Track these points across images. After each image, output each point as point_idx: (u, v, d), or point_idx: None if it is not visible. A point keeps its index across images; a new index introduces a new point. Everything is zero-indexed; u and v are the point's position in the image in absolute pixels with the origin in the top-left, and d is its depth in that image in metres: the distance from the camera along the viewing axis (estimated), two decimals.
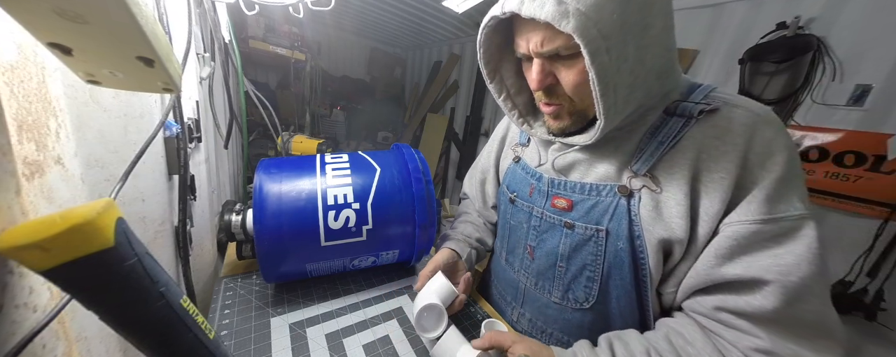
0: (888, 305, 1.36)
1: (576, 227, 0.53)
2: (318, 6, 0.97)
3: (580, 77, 0.43)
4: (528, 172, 0.63)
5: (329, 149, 1.44)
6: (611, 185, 0.49)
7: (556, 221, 0.56)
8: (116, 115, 0.42)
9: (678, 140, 0.45)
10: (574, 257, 0.54)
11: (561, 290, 0.57)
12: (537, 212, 0.59)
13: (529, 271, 0.62)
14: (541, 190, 0.59)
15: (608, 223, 0.49)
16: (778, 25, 1.51)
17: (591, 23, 0.36)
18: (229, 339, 0.57)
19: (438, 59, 3.92)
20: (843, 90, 1.41)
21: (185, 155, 0.60)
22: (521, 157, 0.66)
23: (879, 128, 1.35)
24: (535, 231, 0.60)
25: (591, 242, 0.51)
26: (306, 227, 0.60)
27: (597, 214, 0.50)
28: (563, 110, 0.50)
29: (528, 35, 0.44)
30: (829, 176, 1.49)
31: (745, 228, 0.39)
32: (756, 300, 0.38)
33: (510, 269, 0.68)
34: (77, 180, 0.32)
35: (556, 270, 0.57)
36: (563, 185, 0.55)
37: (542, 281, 0.60)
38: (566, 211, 0.54)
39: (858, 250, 1.41)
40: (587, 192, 0.52)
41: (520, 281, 0.65)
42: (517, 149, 0.69)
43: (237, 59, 1.18)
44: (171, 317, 0.24)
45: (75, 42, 0.22)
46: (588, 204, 0.51)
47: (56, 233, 0.17)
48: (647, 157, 0.46)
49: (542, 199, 0.58)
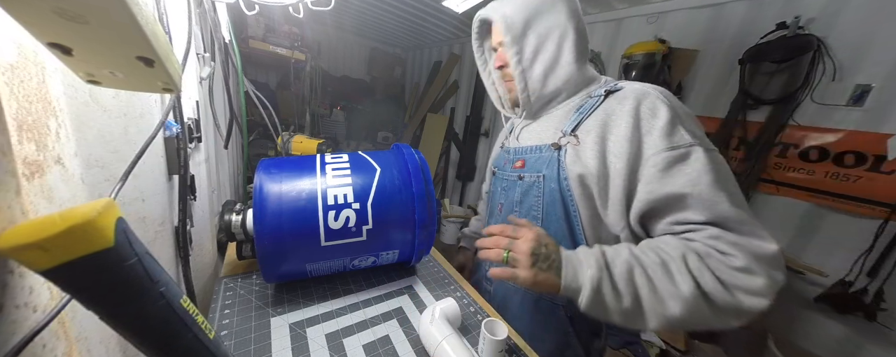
0: (888, 305, 1.36)
1: (525, 178, 0.70)
2: (318, 6, 0.97)
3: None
4: (505, 150, 0.81)
5: (329, 149, 1.44)
6: (548, 144, 0.67)
7: (514, 178, 0.73)
8: (116, 115, 0.42)
9: (594, 110, 0.63)
10: (524, 201, 0.71)
11: None
12: (504, 175, 0.78)
13: (497, 223, 0.73)
14: (509, 159, 0.77)
15: (545, 170, 0.66)
16: (778, 25, 1.51)
17: (511, 24, 0.67)
18: (229, 339, 0.57)
19: (438, 59, 3.93)
20: (843, 90, 1.41)
21: (185, 155, 0.60)
22: (505, 144, 0.84)
23: (879, 128, 1.35)
24: (503, 192, 0.78)
25: (534, 187, 0.68)
26: (306, 227, 0.60)
27: (538, 165, 0.68)
28: (513, 90, 0.75)
29: (494, 34, 0.75)
30: (829, 176, 1.49)
31: (658, 157, 0.53)
32: (689, 211, 0.51)
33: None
34: (77, 180, 0.32)
35: (513, 215, 0.69)
36: (520, 150, 0.74)
37: None
38: (521, 168, 0.72)
39: (858, 250, 1.41)
40: (533, 151, 0.71)
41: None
42: (505, 140, 0.86)
43: (237, 59, 1.18)
44: (171, 317, 0.24)
45: (75, 42, 0.22)
46: (533, 159, 0.70)
47: (56, 233, 0.17)
48: (571, 123, 0.65)
49: (509, 165, 0.76)
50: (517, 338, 0.66)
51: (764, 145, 1.61)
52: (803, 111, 1.51)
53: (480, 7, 0.86)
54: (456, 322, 0.63)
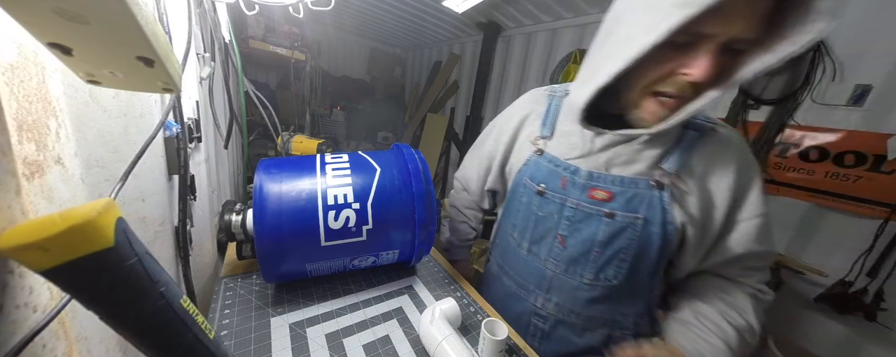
0: (888, 305, 1.36)
1: (617, 216, 0.59)
2: (318, 6, 0.97)
3: (718, 71, 0.47)
4: (557, 165, 0.66)
5: (329, 149, 1.44)
6: (646, 179, 0.58)
7: (593, 211, 0.61)
8: (116, 115, 0.42)
9: (695, 148, 0.57)
10: (611, 243, 0.60)
11: (593, 271, 0.63)
12: (571, 202, 0.63)
13: (559, 259, 0.66)
14: (576, 182, 0.63)
15: (645, 212, 0.57)
16: None
17: None
18: (229, 339, 0.57)
19: (438, 59, 3.93)
20: (843, 90, 1.41)
21: (185, 155, 0.60)
22: (545, 150, 0.69)
23: (879, 128, 1.35)
24: (567, 221, 0.64)
25: (628, 229, 0.59)
26: (306, 227, 0.60)
27: (635, 204, 0.58)
28: (680, 103, 0.51)
29: (731, 18, 0.42)
30: (829, 176, 1.49)
31: (757, 220, 0.56)
32: (760, 264, 0.60)
33: (535, 258, 0.70)
34: (77, 180, 0.32)
35: (590, 255, 0.62)
36: (602, 178, 0.61)
37: (573, 266, 0.65)
38: (606, 201, 0.60)
39: (858, 250, 1.41)
40: (627, 184, 0.59)
41: (546, 268, 0.68)
42: (539, 142, 0.70)
43: (237, 59, 1.18)
44: (171, 317, 0.24)
45: (75, 42, 0.22)
46: (627, 195, 0.59)
47: (56, 233, 0.17)
48: (674, 160, 0.57)
49: (578, 191, 0.62)
50: (517, 338, 0.66)
51: (764, 145, 1.61)
52: (803, 111, 1.51)
53: (480, 7, 0.81)
54: (456, 322, 0.63)
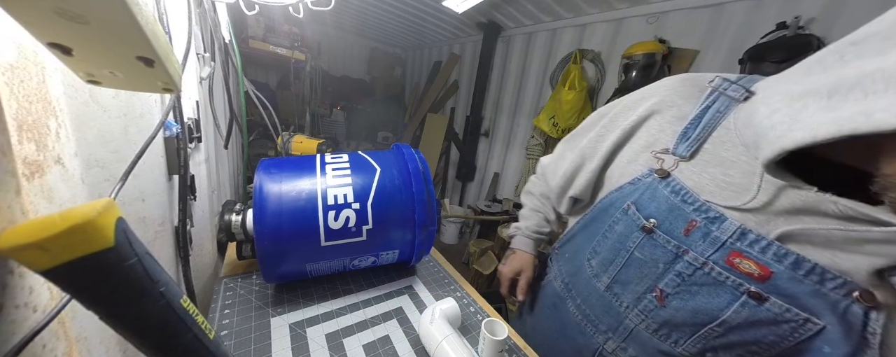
0: None
1: (768, 303, 0.40)
2: (318, 6, 0.97)
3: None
4: (686, 202, 0.45)
5: (329, 149, 1.44)
6: (845, 280, 0.36)
7: (728, 282, 0.42)
8: (116, 115, 0.42)
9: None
10: (745, 329, 0.42)
11: (699, 347, 0.46)
12: (693, 258, 0.45)
13: (651, 316, 0.50)
14: (711, 235, 0.43)
15: (831, 322, 0.37)
16: (778, 25, 1.51)
17: None
18: (229, 339, 0.57)
19: (438, 59, 3.93)
20: None
21: (185, 155, 0.60)
22: (675, 175, 0.47)
23: None
24: (678, 278, 0.46)
25: (785, 326, 0.39)
26: (306, 227, 0.60)
27: (810, 304, 0.38)
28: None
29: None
30: None
31: None
32: None
33: (614, 299, 0.54)
34: (77, 180, 0.32)
35: (702, 329, 0.45)
36: (763, 246, 0.40)
37: (668, 330, 0.49)
38: (757, 280, 0.40)
39: None
40: (804, 272, 0.38)
41: (627, 317, 0.53)
42: (667, 158, 0.49)
43: (237, 59, 1.18)
44: (171, 317, 0.24)
45: (75, 42, 0.22)
46: (799, 288, 0.38)
47: (56, 233, 0.17)
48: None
49: (709, 248, 0.44)
50: (517, 338, 0.66)
51: None
52: None
53: (481, 7, 0.68)
54: (456, 322, 0.63)
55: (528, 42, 2.76)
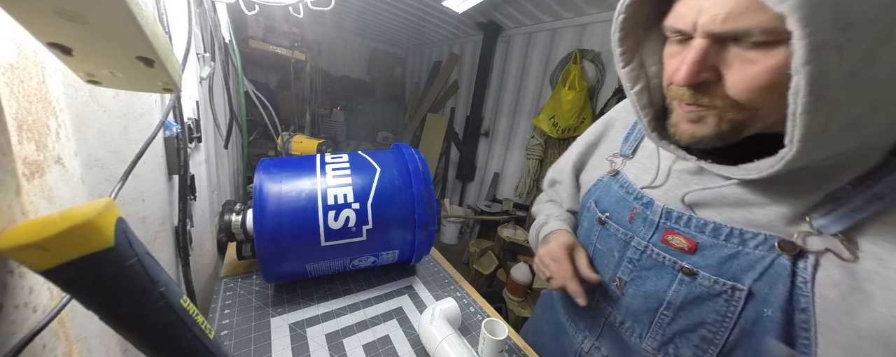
0: None
1: (699, 277, 0.42)
2: (318, 6, 0.97)
3: (768, 78, 0.30)
4: (629, 192, 0.51)
5: (329, 149, 1.44)
6: (766, 234, 0.37)
7: (666, 261, 0.45)
8: (116, 115, 0.42)
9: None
10: (689, 310, 0.43)
11: (658, 340, 0.47)
12: (637, 243, 0.48)
13: (615, 306, 0.52)
14: (648, 219, 0.47)
15: (752, 283, 0.38)
16: None
17: (824, 3, 0.23)
18: (229, 339, 0.57)
19: (438, 59, 3.92)
20: None
21: (185, 155, 0.60)
22: (621, 172, 0.54)
23: None
24: (630, 264, 0.49)
25: (719, 299, 0.40)
26: (306, 227, 0.60)
27: (735, 268, 0.39)
28: (710, 116, 0.36)
29: (703, 3, 0.31)
30: None
31: None
32: None
33: (590, 294, 0.53)
34: (77, 180, 0.32)
35: (656, 316, 0.47)
36: (685, 220, 0.43)
37: (631, 321, 0.50)
38: (686, 253, 0.43)
39: None
40: (724, 237, 0.40)
41: (601, 312, 0.55)
42: (616, 160, 0.56)
43: (237, 59, 1.18)
44: (171, 317, 0.24)
45: (75, 42, 0.22)
46: (722, 252, 0.40)
47: (56, 233, 0.17)
48: (846, 213, 0.33)
49: (648, 231, 0.47)
50: (517, 338, 0.66)
51: None
52: None
53: (481, 7, 0.67)
54: (456, 322, 0.63)
55: (528, 42, 2.76)
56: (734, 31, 0.30)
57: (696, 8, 0.32)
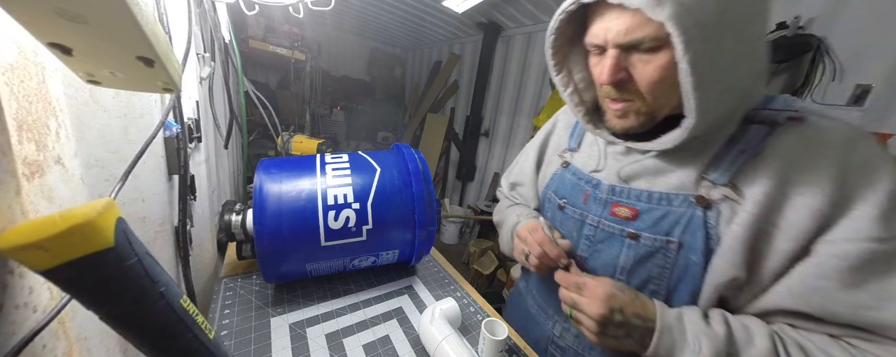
0: None
1: (642, 238, 0.49)
2: (318, 6, 0.97)
3: (660, 73, 0.40)
4: (580, 178, 0.59)
5: (329, 149, 1.44)
6: (685, 194, 0.46)
7: (616, 231, 0.52)
8: (116, 115, 0.42)
9: (762, 149, 0.42)
10: (637, 270, 0.50)
11: None
12: (591, 220, 0.56)
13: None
14: (598, 197, 0.55)
15: (681, 235, 0.46)
16: (778, 25, 1.50)
17: (686, 12, 0.34)
18: (229, 339, 0.57)
19: (438, 59, 3.93)
20: (843, 90, 1.41)
21: (185, 155, 0.60)
22: (571, 163, 0.63)
23: (879, 128, 1.35)
24: (588, 240, 0.56)
25: (658, 254, 0.48)
26: (306, 227, 0.60)
27: (667, 225, 0.47)
28: (631, 109, 0.46)
29: (610, 22, 0.41)
30: None
31: (857, 247, 0.35)
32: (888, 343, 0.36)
33: (553, 281, 0.59)
34: (77, 180, 0.32)
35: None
36: (626, 192, 0.52)
37: None
38: (630, 220, 0.51)
39: None
40: (656, 201, 0.48)
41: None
42: (566, 154, 0.65)
43: (237, 59, 1.18)
44: (171, 317, 0.24)
45: (75, 42, 0.22)
46: (656, 214, 0.48)
47: (56, 233, 0.17)
48: (726, 167, 0.43)
49: (599, 207, 0.55)
50: (517, 338, 0.66)
51: None
52: None
53: (481, 7, 0.73)
54: (456, 322, 0.63)
55: (528, 42, 2.76)
56: (632, 41, 0.40)
57: (605, 28, 0.42)
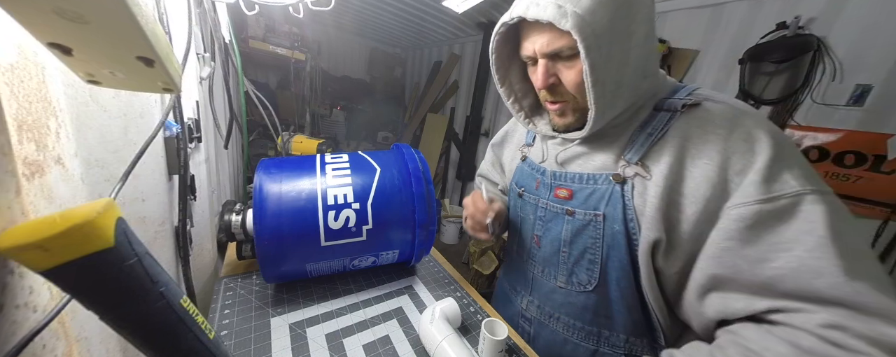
0: None
1: (576, 214, 0.58)
2: (318, 6, 0.97)
3: (580, 76, 0.48)
4: (533, 168, 0.68)
5: (329, 149, 1.44)
6: (606, 174, 0.55)
7: (558, 210, 0.61)
8: (116, 115, 0.42)
9: (665, 131, 0.50)
10: (575, 242, 0.59)
11: (565, 274, 0.62)
12: (542, 203, 0.65)
13: (536, 259, 0.67)
14: (545, 183, 0.64)
15: (605, 208, 0.54)
16: (778, 25, 1.50)
17: (585, 23, 0.43)
18: (229, 339, 0.57)
19: (438, 59, 3.92)
20: (843, 90, 1.41)
21: (185, 155, 0.60)
22: (528, 156, 0.72)
23: (879, 128, 1.35)
24: (540, 221, 0.65)
25: (590, 227, 0.56)
26: (306, 227, 0.60)
27: (594, 201, 0.56)
28: (567, 108, 0.56)
29: (534, 38, 0.50)
30: (829, 176, 1.49)
31: (747, 209, 0.41)
32: (790, 298, 0.39)
33: (519, 259, 0.72)
34: (77, 180, 0.32)
35: (560, 256, 0.62)
36: (563, 176, 0.61)
37: (548, 267, 0.65)
38: (567, 200, 0.60)
39: None
40: (585, 181, 0.57)
41: (528, 270, 0.70)
42: (524, 149, 0.74)
43: (237, 59, 1.18)
44: (171, 317, 0.24)
45: (75, 42, 0.22)
46: (586, 192, 0.57)
47: (56, 233, 0.17)
48: (637, 148, 0.52)
49: (547, 192, 0.64)
50: (517, 338, 0.66)
51: None
52: (803, 111, 1.51)
53: (481, 7, 0.79)
54: (456, 322, 0.63)
55: None
56: (554, 50, 0.49)
57: (532, 41, 0.51)
